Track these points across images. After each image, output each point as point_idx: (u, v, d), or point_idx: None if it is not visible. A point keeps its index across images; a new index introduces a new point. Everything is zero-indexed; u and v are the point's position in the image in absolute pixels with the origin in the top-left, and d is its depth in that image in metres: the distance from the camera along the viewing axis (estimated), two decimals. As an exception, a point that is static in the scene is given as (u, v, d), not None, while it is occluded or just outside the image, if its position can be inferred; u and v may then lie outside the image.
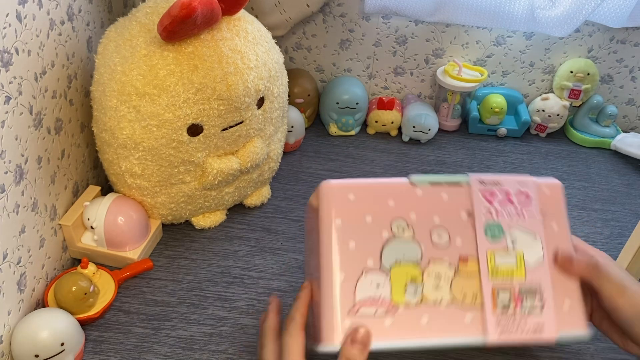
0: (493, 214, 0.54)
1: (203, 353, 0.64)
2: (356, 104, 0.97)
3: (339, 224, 0.52)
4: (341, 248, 0.51)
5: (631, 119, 1.05)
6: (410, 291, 0.51)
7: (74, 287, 0.65)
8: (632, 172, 0.97)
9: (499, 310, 0.51)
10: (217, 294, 0.71)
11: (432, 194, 0.54)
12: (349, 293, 0.49)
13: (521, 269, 0.53)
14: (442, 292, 0.51)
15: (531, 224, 0.55)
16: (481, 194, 0.55)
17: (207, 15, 0.61)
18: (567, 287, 0.54)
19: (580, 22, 0.86)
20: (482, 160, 0.97)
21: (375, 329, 0.49)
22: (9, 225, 0.60)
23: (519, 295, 0.52)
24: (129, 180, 0.71)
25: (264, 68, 0.70)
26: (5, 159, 0.58)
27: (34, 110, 0.63)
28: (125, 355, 0.64)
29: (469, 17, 0.91)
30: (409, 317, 0.50)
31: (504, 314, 0.51)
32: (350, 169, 0.93)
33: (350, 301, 0.49)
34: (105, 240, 0.72)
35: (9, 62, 0.57)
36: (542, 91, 1.04)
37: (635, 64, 0.99)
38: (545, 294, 0.52)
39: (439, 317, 0.50)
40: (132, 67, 0.64)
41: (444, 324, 0.50)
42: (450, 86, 0.97)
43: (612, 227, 0.85)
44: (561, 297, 0.53)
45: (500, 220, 0.54)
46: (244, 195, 0.81)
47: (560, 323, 0.52)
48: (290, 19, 0.91)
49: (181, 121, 0.66)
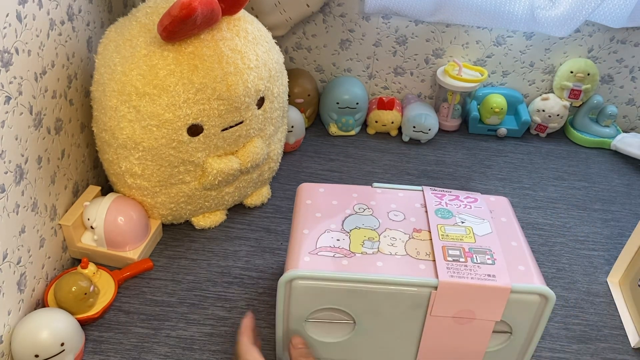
0: (443, 204, 0.62)
1: (203, 353, 0.64)
2: (356, 104, 0.97)
3: (308, 203, 0.62)
4: (309, 215, 0.60)
5: (631, 119, 1.05)
6: (367, 245, 0.57)
7: (74, 287, 0.65)
8: (632, 172, 0.97)
9: (450, 260, 0.55)
10: (217, 294, 0.71)
11: (390, 192, 0.65)
12: (311, 241, 0.57)
13: (470, 236, 0.58)
14: (397, 249, 0.56)
15: (479, 214, 0.61)
16: (432, 194, 0.64)
17: (207, 15, 0.61)
18: (520, 258, 0.57)
19: (580, 22, 0.86)
20: (482, 160, 0.97)
21: (334, 265, 0.55)
22: (9, 225, 0.60)
23: (469, 252, 0.56)
24: (129, 180, 0.71)
25: (264, 68, 0.70)
26: (5, 159, 0.58)
27: (34, 110, 0.63)
28: (125, 355, 0.64)
29: (469, 17, 0.91)
30: (365, 261, 0.55)
31: (455, 262, 0.55)
32: (350, 169, 0.93)
33: (312, 246, 0.57)
34: (105, 240, 0.72)
35: (9, 62, 0.57)
36: (542, 91, 1.04)
37: (635, 64, 0.99)
38: (496, 255, 0.56)
39: (393, 263, 0.55)
40: (132, 67, 0.64)
41: (398, 268, 0.55)
42: (450, 86, 0.97)
43: (612, 227, 0.85)
44: (514, 264, 0.56)
45: (450, 208, 0.62)
46: (244, 195, 0.81)
47: (515, 277, 0.54)
48: (290, 19, 0.91)
49: (181, 121, 0.65)
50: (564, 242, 0.82)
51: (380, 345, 0.58)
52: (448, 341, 0.57)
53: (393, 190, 0.65)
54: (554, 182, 0.93)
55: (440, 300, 0.53)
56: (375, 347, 0.58)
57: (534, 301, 0.54)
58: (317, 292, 0.54)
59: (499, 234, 0.59)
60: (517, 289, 0.53)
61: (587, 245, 0.82)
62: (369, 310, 0.55)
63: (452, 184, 0.91)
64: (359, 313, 0.56)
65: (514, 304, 0.54)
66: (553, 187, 0.92)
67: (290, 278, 0.53)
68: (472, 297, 0.53)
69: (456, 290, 0.53)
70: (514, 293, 0.53)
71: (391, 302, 0.54)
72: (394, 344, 0.58)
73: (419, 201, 0.63)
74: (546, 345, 0.68)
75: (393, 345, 0.58)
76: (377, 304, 0.55)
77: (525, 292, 0.54)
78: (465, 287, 0.53)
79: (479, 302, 0.54)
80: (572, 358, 0.66)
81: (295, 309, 0.56)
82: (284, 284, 0.54)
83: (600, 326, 0.70)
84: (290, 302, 0.55)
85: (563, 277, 0.76)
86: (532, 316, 0.55)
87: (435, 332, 0.56)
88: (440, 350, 0.58)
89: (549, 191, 0.91)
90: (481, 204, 0.63)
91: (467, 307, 0.54)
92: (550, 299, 0.54)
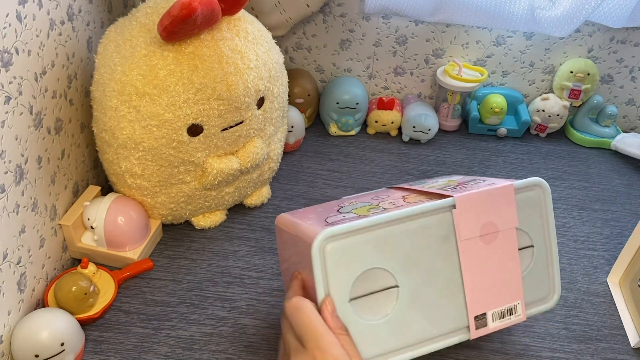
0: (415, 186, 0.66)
1: (203, 353, 0.64)
2: (356, 104, 0.97)
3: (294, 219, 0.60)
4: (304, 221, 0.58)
5: (631, 119, 1.05)
6: (372, 212, 0.57)
7: (74, 287, 0.65)
8: (632, 172, 0.97)
9: (450, 188, 0.59)
10: (217, 294, 0.71)
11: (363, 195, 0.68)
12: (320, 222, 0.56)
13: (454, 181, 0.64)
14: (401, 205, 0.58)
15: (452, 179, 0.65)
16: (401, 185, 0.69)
17: (207, 15, 0.61)
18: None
19: (580, 22, 0.86)
20: (482, 160, 0.97)
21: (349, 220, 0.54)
22: (9, 225, 0.60)
23: (461, 183, 0.62)
24: (129, 180, 0.71)
25: (264, 68, 0.70)
26: (5, 159, 0.58)
27: (34, 110, 0.63)
28: (125, 355, 0.64)
29: (469, 17, 0.91)
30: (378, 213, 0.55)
31: (456, 189, 0.58)
32: (350, 169, 0.93)
33: (322, 223, 0.56)
34: (105, 240, 0.72)
35: (9, 62, 0.57)
36: (542, 91, 1.04)
37: (635, 64, 0.99)
38: (484, 179, 0.61)
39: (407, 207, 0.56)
40: (132, 67, 0.64)
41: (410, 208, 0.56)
42: (450, 86, 0.97)
43: (612, 227, 0.85)
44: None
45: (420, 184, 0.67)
46: (244, 195, 0.81)
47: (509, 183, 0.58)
48: (290, 19, 0.91)
49: (181, 121, 0.66)
50: (564, 242, 0.82)
51: (429, 305, 0.56)
52: (486, 271, 0.57)
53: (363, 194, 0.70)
54: (554, 182, 0.93)
55: (462, 217, 0.55)
56: (425, 310, 0.56)
57: (536, 196, 0.58)
58: (352, 250, 0.52)
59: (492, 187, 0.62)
60: (519, 186, 0.57)
61: (587, 245, 0.82)
62: (404, 261, 0.54)
63: (452, 184, 0.91)
64: (397, 269, 0.54)
65: (521, 203, 0.57)
66: (553, 187, 0.92)
67: (321, 241, 0.51)
68: (487, 206, 0.56)
69: (471, 203, 0.55)
70: (518, 191, 0.57)
71: (422, 241, 0.55)
72: (442, 300, 0.56)
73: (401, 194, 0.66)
74: (546, 345, 0.68)
75: (442, 301, 0.56)
76: (410, 249, 0.54)
77: (525, 186, 0.58)
78: (478, 197, 0.56)
79: (495, 210, 0.56)
80: (572, 358, 0.67)
81: (335, 281, 0.52)
82: (318, 250, 0.51)
83: (600, 326, 0.70)
84: (327, 274, 0.52)
85: (563, 277, 0.76)
86: (540, 213, 0.59)
87: (471, 261, 0.56)
88: (485, 289, 0.57)
89: (549, 191, 0.91)
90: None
91: (487, 220, 0.56)
92: (546, 188, 0.59)
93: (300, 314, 0.49)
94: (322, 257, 0.52)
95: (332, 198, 0.87)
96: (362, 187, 0.89)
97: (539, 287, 0.61)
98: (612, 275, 0.76)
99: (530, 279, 0.60)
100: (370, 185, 0.90)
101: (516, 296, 0.59)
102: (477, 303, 0.57)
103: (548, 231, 0.60)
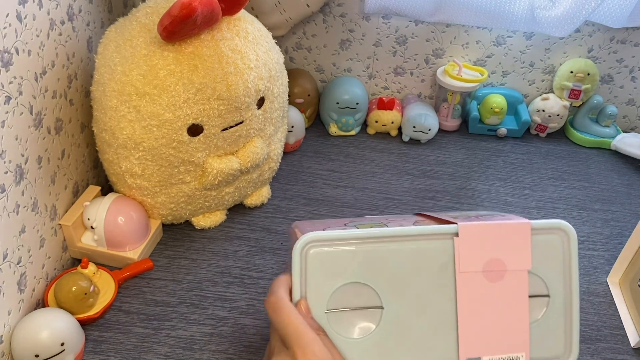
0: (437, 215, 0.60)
1: (203, 353, 0.64)
2: (356, 104, 0.97)
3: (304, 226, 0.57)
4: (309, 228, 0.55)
5: (631, 119, 1.05)
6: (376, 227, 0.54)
7: (74, 287, 0.65)
8: (632, 172, 0.97)
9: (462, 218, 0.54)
10: (217, 294, 0.71)
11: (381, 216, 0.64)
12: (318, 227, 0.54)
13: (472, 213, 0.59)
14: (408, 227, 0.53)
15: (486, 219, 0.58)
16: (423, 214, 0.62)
17: (207, 15, 0.61)
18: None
19: (580, 22, 0.86)
20: (482, 160, 0.97)
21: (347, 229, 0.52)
22: (9, 225, 0.60)
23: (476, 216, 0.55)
24: (129, 180, 0.71)
25: (264, 68, 0.70)
26: (6, 159, 0.58)
27: (34, 110, 0.63)
28: (125, 355, 0.64)
29: (469, 17, 0.92)
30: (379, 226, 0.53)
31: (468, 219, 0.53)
32: (350, 169, 0.93)
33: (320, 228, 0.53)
34: (106, 240, 0.72)
35: (9, 62, 0.57)
36: (542, 91, 1.04)
37: (635, 64, 0.99)
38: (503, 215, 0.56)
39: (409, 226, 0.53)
40: (132, 67, 0.64)
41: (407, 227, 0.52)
42: (450, 86, 0.97)
43: (612, 227, 0.85)
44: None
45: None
46: (244, 195, 0.81)
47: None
48: (290, 19, 0.91)
49: (181, 121, 0.66)
50: (564, 242, 0.82)
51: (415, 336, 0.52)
52: (487, 311, 0.52)
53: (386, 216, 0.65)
54: (554, 182, 0.93)
55: (464, 247, 0.51)
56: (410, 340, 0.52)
57: (558, 240, 0.52)
58: (335, 259, 0.50)
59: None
60: (537, 226, 0.51)
61: (587, 245, 0.82)
62: (393, 282, 0.51)
63: (452, 184, 0.91)
64: (384, 289, 0.51)
65: (538, 246, 0.52)
66: (553, 187, 0.92)
67: (305, 243, 0.49)
68: (495, 241, 0.51)
69: (477, 234, 0.51)
70: (535, 232, 0.51)
71: (416, 265, 0.51)
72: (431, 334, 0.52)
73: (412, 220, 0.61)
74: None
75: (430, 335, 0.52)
76: (401, 271, 0.51)
77: (545, 228, 0.52)
78: (485, 229, 0.51)
79: (504, 247, 0.51)
80: (572, 358, 0.67)
81: (314, 287, 0.50)
82: (299, 251, 0.49)
83: (600, 326, 0.70)
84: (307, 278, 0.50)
85: (563, 277, 0.76)
86: (561, 261, 0.53)
87: (469, 297, 0.51)
88: (482, 331, 0.52)
89: (549, 191, 0.91)
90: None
91: (494, 256, 0.51)
92: (571, 234, 0.52)
93: (279, 312, 0.48)
94: (304, 260, 0.50)
95: (332, 198, 0.87)
96: (362, 187, 0.89)
97: (552, 343, 0.54)
98: (612, 275, 0.76)
99: (541, 332, 0.53)
100: (370, 185, 0.90)
101: (521, 347, 0.52)
102: (471, 345, 0.52)
103: (570, 282, 0.53)
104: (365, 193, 0.88)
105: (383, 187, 0.90)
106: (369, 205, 0.86)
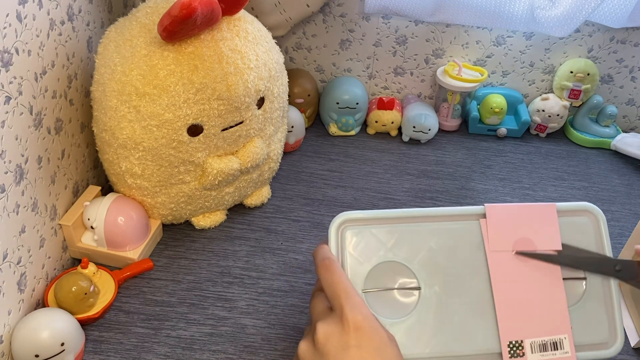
0: None
1: (203, 353, 0.64)
2: (356, 104, 0.97)
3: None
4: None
5: (631, 119, 1.05)
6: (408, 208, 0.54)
7: (74, 287, 0.65)
8: (632, 172, 0.97)
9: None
10: (217, 294, 0.71)
11: None
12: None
13: None
14: None
15: None
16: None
17: (207, 16, 0.61)
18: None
19: (580, 22, 0.86)
20: (482, 160, 0.97)
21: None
22: (9, 225, 0.60)
23: None
24: (129, 180, 0.71)
25: (264, 68, 0.70)
26: (6, 159, 0.58)
27: (34, 110, 0.63)
28: (125, 355, 0.64)
29: (469, 17, 0.92)
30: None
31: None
32: (350, 169, 0.93)
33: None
34: (106, 240, 0.72)
35: (9, 62, 0.57)
36: (542, 91, 1.04)
37: (635, 64, 0.99)
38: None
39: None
40: (132, 67, 0.64)
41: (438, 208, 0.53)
42: (450, 86, 0.97)
43: (612, 227, 0.85)
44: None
45: None
46: (244, 195, 0.81)
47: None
48: (290, 19, 0.91)
49: (181, 121, 0.66)
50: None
51: (454, 317, 0.51)
52: (522, 292, 0.51)
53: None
54: (554, 182, 0.93)
55: (491, 227, 0.51)
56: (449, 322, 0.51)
57: (587, 222, 0.52)
58: (370, 238, 0.50)
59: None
60: (562, 208, 0.51)
61: (587, 245, 0.82)
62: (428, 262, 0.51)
63: (452, 184, 0.91)
64: (420, 269, 0.50)
65: (568, 227, 0.51)
66: (553, 187, 0.92)
67: (341, 222, 0.49)
68: (522, 221, 0.51)
69: (504, 214, 0.51)
70: (562, 214, 0.51)
71: (449, 243, 0.51)
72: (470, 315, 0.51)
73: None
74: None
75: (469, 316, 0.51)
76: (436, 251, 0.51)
77: (571, 210, 0.52)
78: (512, 209, 0.51)
79: (532, 227, 0.51)
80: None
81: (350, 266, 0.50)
82: (335, 230, 0.49)
83: (600, 326, 0.70)
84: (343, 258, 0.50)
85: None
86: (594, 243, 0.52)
87: (503, 276, 0.50)
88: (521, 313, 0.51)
89: (549, 191, 0.91)
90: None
91: (523, 235, 0.51)
92: (599, 215, 0.51)
93: (332, 271, 0.49)
94: (339, 240, 0.50)
95: (332, 198, 0.87)
96: (362, 187, 0.89)
97: (595, 329, 0.53)
98: (612, 275, 0.76)
99: (581, 316, 0.52)
100: (370, 186, 0.90)
101: (562, 329, 0.51)
102: (511, 327, 0.50)
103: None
104: (365, 193, 0.88)
105: (383, 187, 0.90)
106: (369, 206, 0.86)
